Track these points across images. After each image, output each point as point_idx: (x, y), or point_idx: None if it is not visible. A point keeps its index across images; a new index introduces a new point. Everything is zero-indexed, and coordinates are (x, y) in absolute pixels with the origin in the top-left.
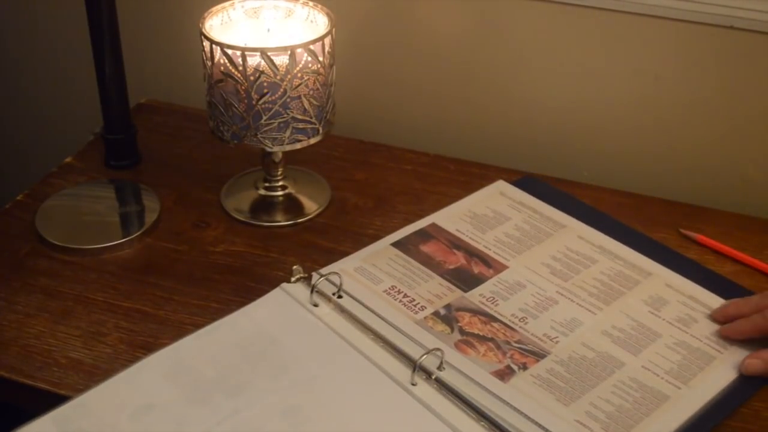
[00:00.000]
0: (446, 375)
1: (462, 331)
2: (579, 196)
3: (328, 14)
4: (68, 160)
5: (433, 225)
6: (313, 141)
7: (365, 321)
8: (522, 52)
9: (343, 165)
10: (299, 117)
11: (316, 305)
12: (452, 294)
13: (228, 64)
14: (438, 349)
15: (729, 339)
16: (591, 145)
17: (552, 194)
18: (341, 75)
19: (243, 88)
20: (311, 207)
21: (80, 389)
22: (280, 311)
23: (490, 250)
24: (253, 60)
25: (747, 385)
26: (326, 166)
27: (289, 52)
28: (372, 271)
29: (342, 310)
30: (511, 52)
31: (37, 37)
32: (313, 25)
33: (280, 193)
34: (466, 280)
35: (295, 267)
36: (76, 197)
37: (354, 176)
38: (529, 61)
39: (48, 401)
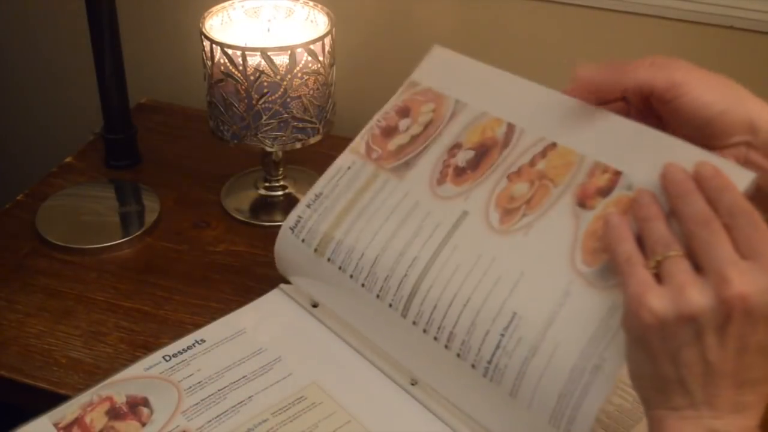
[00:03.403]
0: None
1: None
2: None
3: (328, 14)
4: (68, 160)
5: None
6: (313, 141)
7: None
8: (522, 52)
9: None
10: (299, 117)
11: (315, 305)
12: None
13: (228, 64)
14: None
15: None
16: None
17: None
18: (341, 75)
19: (243, 87)
20: None
21: (80, 389)
22: (279, 311)
23: None
24: (253, 60)
25: None
26: (326, 166)
27: (289, 52)
28: None
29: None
30: (511, 52)
31: (37, 37)
32: (313, 25)
33: (280, 192)
34: None
35: None
36: (76, 197)
37: None
38: (529, 61)
39: (48, 401)
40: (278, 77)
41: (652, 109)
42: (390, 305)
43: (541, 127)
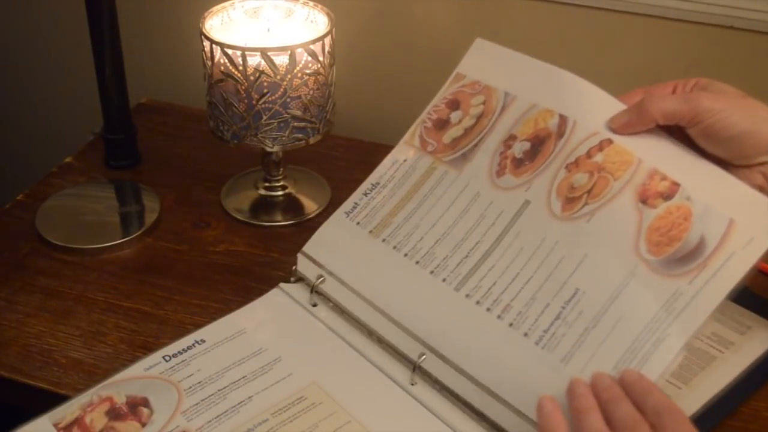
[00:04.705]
0: (446, 375)
1: None
2: None
3: (328, 14)
4: (68, 160)
5: None
6: (313, 141)
7: (365, 321)
8: (522, 52)
9: (343, 165)
10: (299, 117)
11: (315, 305)
12: None
13: (228, 64)
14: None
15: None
16: None
17: None
18: (341, 75)
19: (243, 87)
20: (311, 207)
21: (80, 389)
22: (278, 311)
23: None
24: (253, 60)
25: (747, 385)
26: (326, 166)
27: (289, 52)
28: None
29: (342, 311)
30: None
31: (37, 37)
32: (313, 25)
33: (280, 193)
34: None
35: (294, 267)
36: (76, 197)
37: (354, 176)
38: None
39: (48, 401)
40: (278, 77)
41: (681, 129)
42: (444, 280)
43: (592, 121)
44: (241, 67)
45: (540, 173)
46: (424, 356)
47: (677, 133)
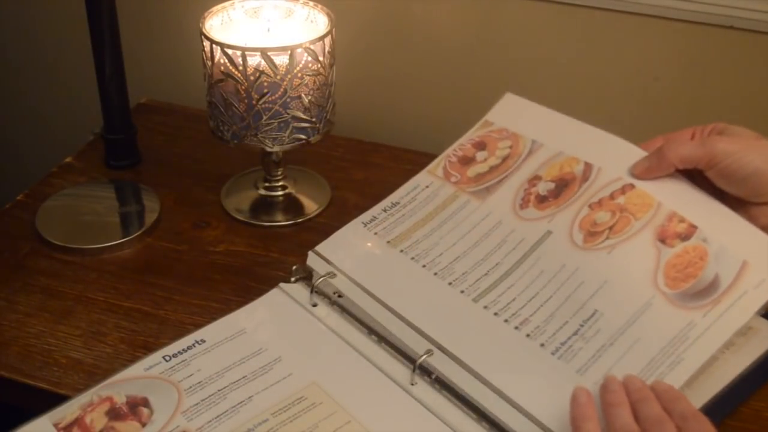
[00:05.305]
0: (446, 375)
1: None
2: None
3: (328, 14)
4: (68, 160)
5: None
6: (313, 141)
7: (365, 321)
8: (522, 52)
9: (343, 165)
10: (299, 117)
11: (315, 305)
12: None
13: (228, 64)
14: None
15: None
16: None
17: None
18: (341, 75)
19: (243, 88)
20: (311, 207)
21: (80, 389)
22: (278, 311)
23: None
24: (253, 60)
25: (747, 385)
26: (326, 166)
27: (289, 52)
28: None
29: (342, 310)
30: (511, 52)
31: (37, 37)
32: (313, 25)
33: (280, 193)
34: None
35: (294, 267)
36: (76, 197)
37: (354, 176)
38: (529, 61)
39: (48, 401)
40: (278, 77)
41: (701, 171)
42: (462, 291)
43: (616, 168)
44: (241, 67)
45: (563, 209)
46: (431, 352)
47: (698, 175)
